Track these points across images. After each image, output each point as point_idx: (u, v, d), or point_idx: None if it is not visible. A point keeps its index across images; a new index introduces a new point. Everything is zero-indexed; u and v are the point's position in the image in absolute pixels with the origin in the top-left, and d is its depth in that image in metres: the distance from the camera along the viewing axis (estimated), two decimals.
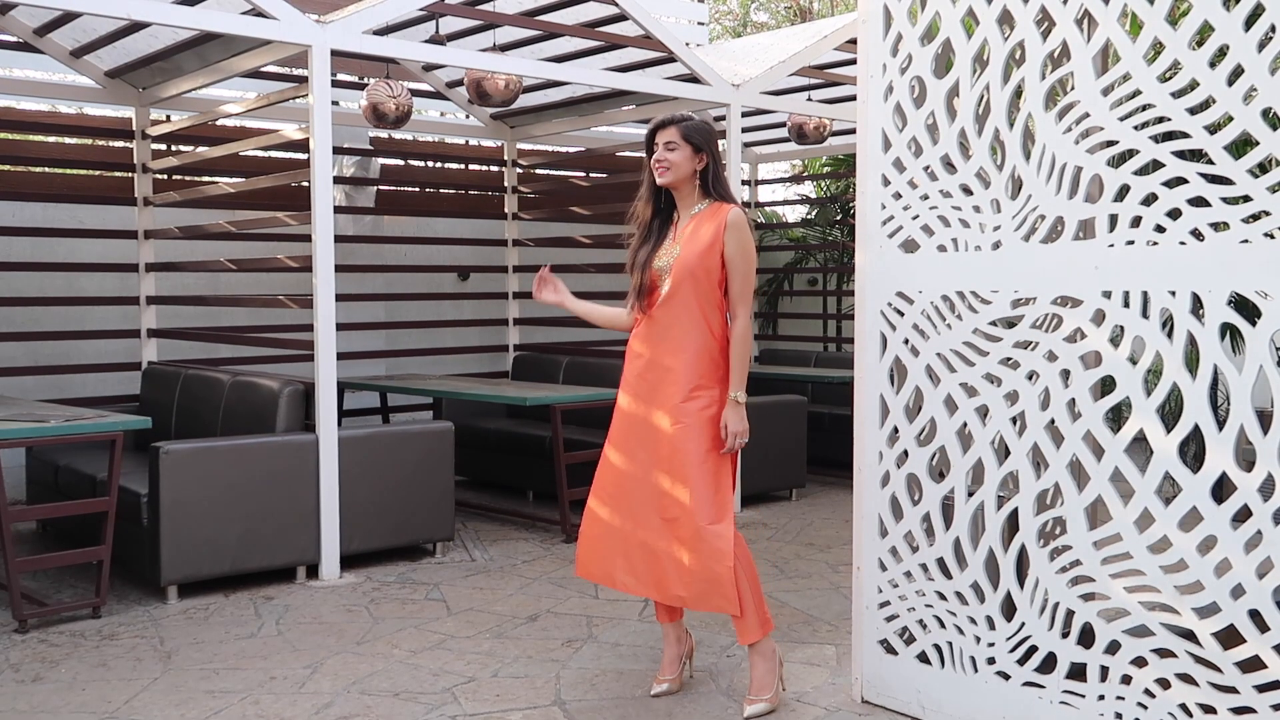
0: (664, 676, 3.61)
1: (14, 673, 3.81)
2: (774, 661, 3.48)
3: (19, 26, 6.01)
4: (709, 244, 3.40)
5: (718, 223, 3.41)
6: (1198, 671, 2.74)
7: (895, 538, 3.40)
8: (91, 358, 6.85)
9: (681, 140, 3.44)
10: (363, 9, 5.25)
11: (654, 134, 3.48)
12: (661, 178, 3.45)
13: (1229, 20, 2.62)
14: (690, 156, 3.44)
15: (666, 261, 3.45)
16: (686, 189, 3.49)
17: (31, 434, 4.30)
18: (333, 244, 5.07)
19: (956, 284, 3.20)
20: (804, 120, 7.61)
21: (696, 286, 3.40)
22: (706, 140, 3.47)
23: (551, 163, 8.54)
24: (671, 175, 3.45)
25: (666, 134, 3.46)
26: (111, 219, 6.88)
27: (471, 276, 8.41)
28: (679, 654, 3.64)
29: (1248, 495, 2.61)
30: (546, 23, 6.32)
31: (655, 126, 3.48)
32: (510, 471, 6.90)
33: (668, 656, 3.63)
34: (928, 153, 3.27)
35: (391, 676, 3.77)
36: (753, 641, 3.42)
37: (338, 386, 5.23)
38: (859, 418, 3.48)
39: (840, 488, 7.31)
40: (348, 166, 7.85)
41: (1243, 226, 2.62)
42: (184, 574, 4.68)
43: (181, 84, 6.10)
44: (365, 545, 5.20)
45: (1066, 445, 2.98)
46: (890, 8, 3.35)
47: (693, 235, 3.44)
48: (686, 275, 3.40)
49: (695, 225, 3.46)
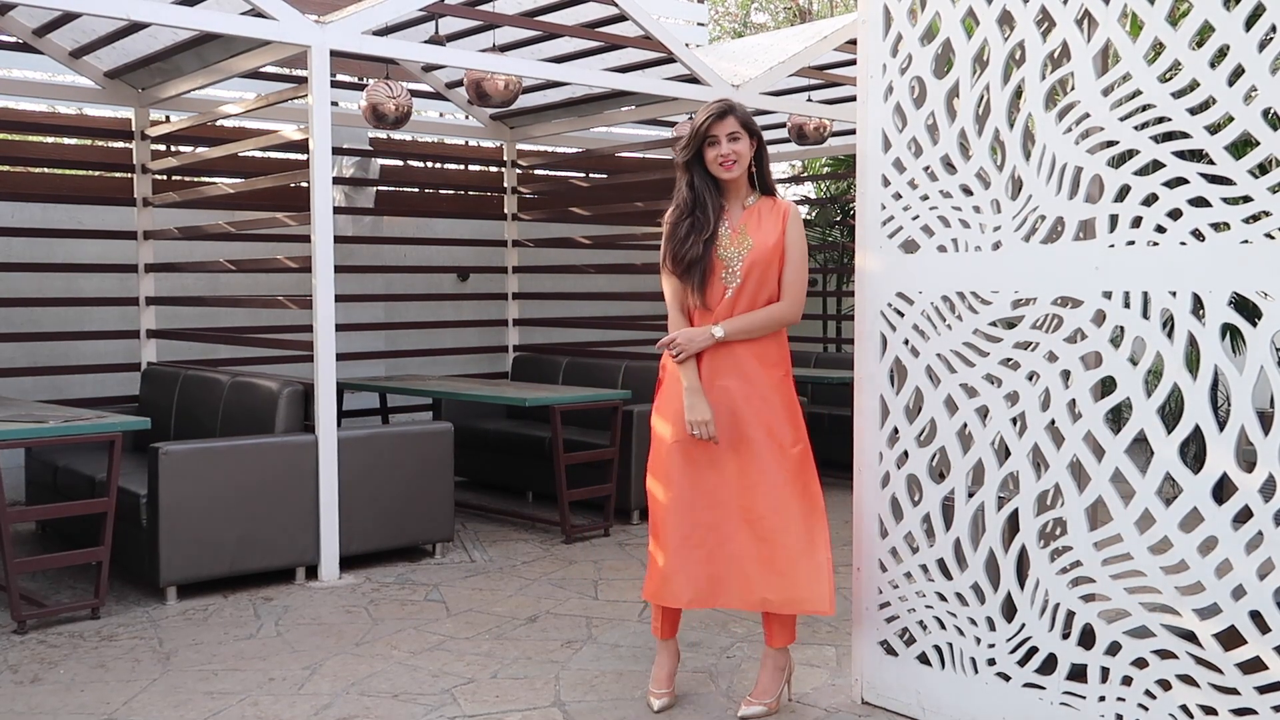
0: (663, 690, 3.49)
1: (12, 674, 3.81)
2: (786, 670, 3.47)
3: (18, 27, 6.00)
4: (776, 237, 3.34)
5: (779, 215, 3.36)
6: (1199, 673, 2.73)
7: (895, 539, 3.39)
8: (91, 358, 6.85)
9: (744, 130, 3.31)
10: (362, 9, 5.24)
11: (710, 125, 3.29)
12: (730, 171, 3.31)
13: (1229, 20, 2.62)
14: (750, 146, 3.33)
15: (735, 252, 3.32)
16: (740, 180, 3.37)
17: (30, 435, 4.29)
18: (332, 245, 5.07)
19: (957, 284, 3.20)
20: (804, 121, 7.60)
21: (763, 278, 3.34)
22: (757, 128, 3.38)
23: (551, 163, 8.53)
24: (739, 168, 3.32)
25: (728, 124, 3.29)
26: (111, 220, 6.87)
27: (471, 277, 8.41)
28: (675, 668, 3.55)
29: (1248, 496, 2.60)
30: (546, 23, 6.32)
31: (714, 116, 3.29)
32: (510, 472, 6.89)
33: (667, 670, 3.53)
34: (928, 153, 3.27)
35: (391, 678, 3.77)
36: (786, 645, 3.43)
37: (337, 387, 5.22)
38: (859, 418, 3.48)
39: (840, 488, 7.28)
40: (347, 167, 7.85)
41: (1243, 227, 2.62)
42: (183, 575, 4.67)
43: (181, 84, 6.10)
44: (364, 546, 5.20)
45: (1067, 446, 2.98)
46: (890, 8, 3.34)
47: (759, 228, 3.35)
48: (757, 267, 3.32)
49: (756, 217, 3.37)
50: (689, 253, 3.32)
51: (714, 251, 3.32)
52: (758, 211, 3.38)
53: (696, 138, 3.32)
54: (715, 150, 3.30)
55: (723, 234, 3.34)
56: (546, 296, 8.10)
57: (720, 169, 3.31)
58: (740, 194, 3.40)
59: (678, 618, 3.52)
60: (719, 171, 3.32)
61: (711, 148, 3.31)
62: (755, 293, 3.33)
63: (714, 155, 3.31)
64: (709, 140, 3.31)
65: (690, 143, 3.34)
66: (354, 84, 7.49)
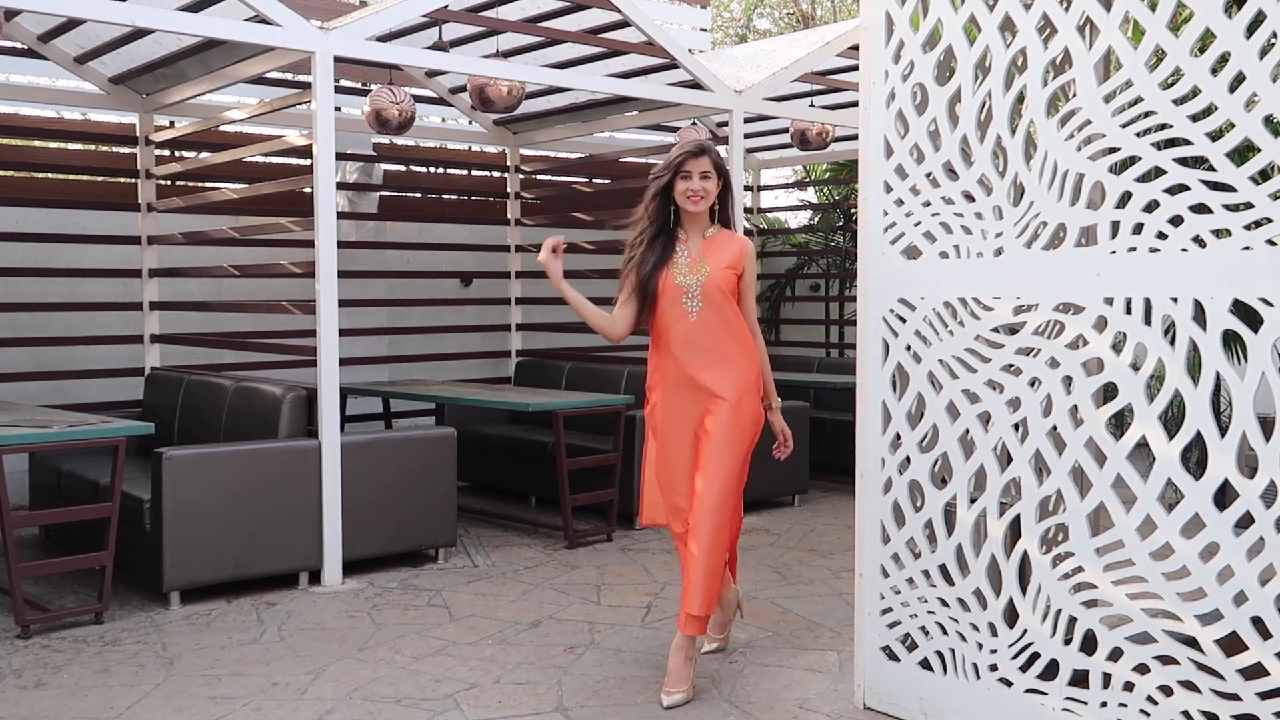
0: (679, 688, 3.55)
1: (16, 678, 3.81)
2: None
3: (23, 33, 6.02)
4: (731, 267, 3.67)
5: (736, 250, 3.69)
6: (1200, 678, 2.73)
7: (897, 544, 3.40)
8: (95, 363, 6.85)
9: (714, 170, 3.64)
10: (366, 15, 5.26)
11: (685, 159, 3.61)
12: (696, 206, 3.62)
13: (1230, 27, 2.63)
14: (717, 184, 3.66)
15: (694, 280, 3.63)
16: (704, 214, 3.69)
17: (34, 440, 4.31)
18: (335, 249, 5.08)
19: (959, 290, 3.20)
20: (806, 126, 7.61)
21: (725, 301, 3.67)
22: (727, 171, 3.72)
23: (554, 168, 8.55)
24: (706, 203, 3.64)
25: (701, 164, 3.62)
26: (115, 224, 6.88)
27: (474, 282, 8.42)
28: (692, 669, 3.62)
29: (1250, 502, 2.61)
30: (549, 29, 6.33)
31: (691, 154, 3.61)
32: (513, 477, 6.90)
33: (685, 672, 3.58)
34: (930, 159, 3.27)
35: (393, 683, 3.77)
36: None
37: (340, 392, 5.23)
38: (861, 424, 3.48)
39: (843, 494, 7.30)
40: (351, 172, 7.86)
41: (1244, 233, 2.62)
42: (186, 580, 4.68)
43: (185, 90, 6.12)
44: (367, 551, 5.20)
45: (1069, 452, 2.98)
46: (892, 14, 3.35)
47: (717, 257, 3.67)
48: (716, 292, 3.64)
49: (715, 248, 3.69)
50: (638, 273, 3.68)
51: (671, 279, 3.64)
52: (716, 243, 3.71)
53: (671, 167, 3.63)
54: (686, 184, 3.62)
55: (681, 262, 3.67)
56: (549, 301, 8.10)
57: (688, 201, 3.63)
58: (701, 225, 3.72)
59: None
60: (685, 204, 3.64)
61: (684, 181, 3.62)
62: (719, 314, 3.65)
63: (684, 189, 3.62)
64: (682, 173, 3.62)
65: (664, 171, 3.64)
66: (357, 89, 7.51)
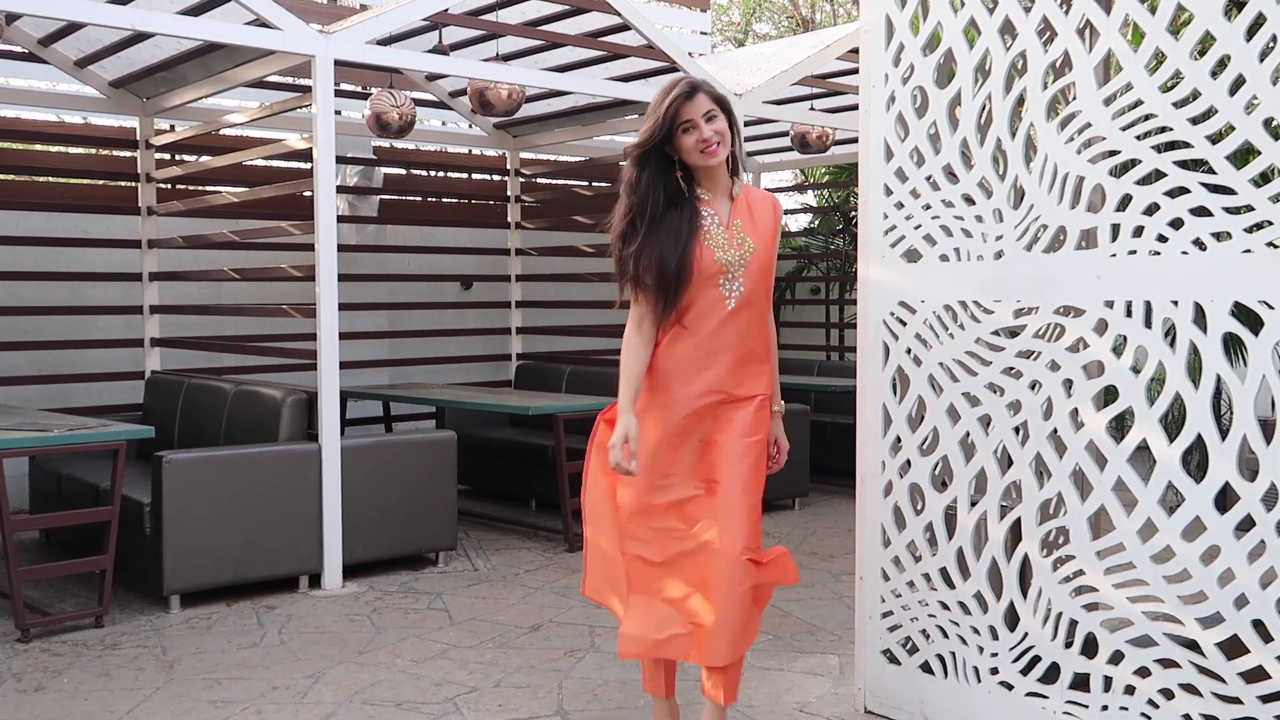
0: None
1: (16, 682, 3.81)
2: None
3: (24, 37, 6.02)
4: (773, 232, 2.87)
5: (771, 212, 2.89)
6: (1201, 682, 2.73)
7: (898, 547, 3.39)
8: (95, 367, 6.85)
9: (719, 108, 2.79)
10: (366, 19, 5.26)
11: (679, 107, 2.74)
12: (715, 156, 2.77)
13: (1230, 30, 2.63)
14: (725, 122, 2.80)
15: (736, 256, 2.81)
16: (722, 166, 2.83)
17: (34, 443, 4.31)
18: (336, 253, 5.08)
19: (959, 293, 3.20)
20: (806, 129, 7.62)
21: (766, 286, 2.87)
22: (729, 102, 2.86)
23: (554, 172, 8.55)
24: (725, 150, 2.79)
25: (701, 104, 2.75)
26: (115, 228, 6.89)
27: (474, 285, 8.42)
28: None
29: (1251, 505, 2.61)
30: (549, 33, 6.34)
31: (682, 97, 2.74)
32: (513, 481, 6.89)
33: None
34: (930, 162, 3.27)
35: (394, 686, 3.77)
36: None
37: (340, 396, 5.22)
38: (861, 427, 3.48)
39: (843, 497, 7.30)
40: (351, 176, 7.87)
41: (1245, 236, 2.62)
42: (186, 583, 4.68)
43: (185, 94, 6.12)
44: (368, 554, 5.20)
45: (1069, 455, 2.98)
46: (892, 18, 3.35)
47: (755, 224, 2.85)
48: (761, 273, 2.85)
49: (746, 210, 2.86)
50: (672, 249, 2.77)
51: (707, 254, 2.79)
52: (747, 204, 2.88)
53: (664, 123, 2.75)
54: (694, 135, 2.75)
55: (716, 234, 2.81)
56: (550, 305, 8.10)
57: (702, 156, 2.77)
58: (722, 183, 2.86)
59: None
60: (700, 159, 2.78)
61: (688, 134, 2.76)
62: (755, 303, 2.86)
63: (694, 141, 2.76)
64: (683, 126, 2.76)
65: (655, 131, 2.76)
66: (358, 93, 7.51)
